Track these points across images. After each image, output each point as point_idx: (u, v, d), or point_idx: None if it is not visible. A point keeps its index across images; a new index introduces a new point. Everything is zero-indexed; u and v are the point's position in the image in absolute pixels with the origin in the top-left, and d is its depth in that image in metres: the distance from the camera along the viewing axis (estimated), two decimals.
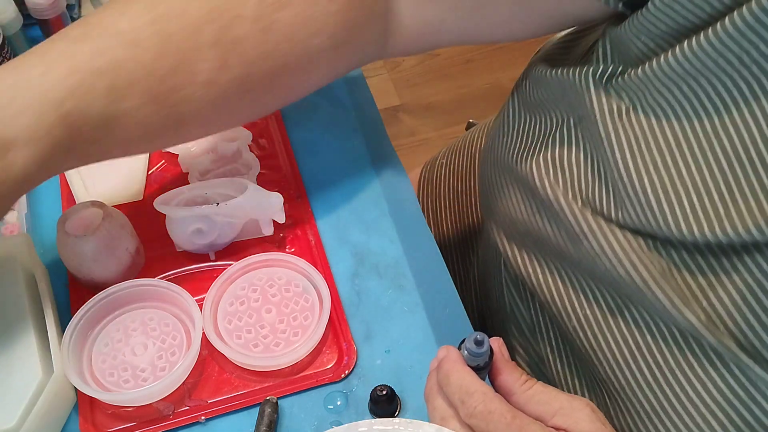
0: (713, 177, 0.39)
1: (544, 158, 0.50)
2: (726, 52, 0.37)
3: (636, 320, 0.45)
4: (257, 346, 0.55)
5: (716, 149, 0.39)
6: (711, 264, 0.41)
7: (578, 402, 0.42)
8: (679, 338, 0.43)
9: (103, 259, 0.55)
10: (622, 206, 0.44)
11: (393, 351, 0.56)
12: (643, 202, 0.42)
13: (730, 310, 0.40)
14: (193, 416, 0.52)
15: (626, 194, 0.43)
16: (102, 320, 0.56)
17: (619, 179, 0.43)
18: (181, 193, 0.59)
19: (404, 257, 0.61)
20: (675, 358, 0.43)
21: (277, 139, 0.69)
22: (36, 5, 0.71)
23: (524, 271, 0.54)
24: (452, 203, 0.79)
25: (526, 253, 0.53)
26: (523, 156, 0.52)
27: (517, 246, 0.55)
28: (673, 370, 0.43)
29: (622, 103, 0.43)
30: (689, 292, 0.42)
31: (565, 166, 0.48)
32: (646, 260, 0.43)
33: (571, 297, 0.49)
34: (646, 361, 0.45)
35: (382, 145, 0.69)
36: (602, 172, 0.45)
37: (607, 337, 0.47)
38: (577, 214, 0.46)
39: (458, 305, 0.58)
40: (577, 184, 0.47)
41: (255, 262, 0.58)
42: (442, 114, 1.79)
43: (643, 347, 0.45)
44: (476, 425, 0.40)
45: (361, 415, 0.52)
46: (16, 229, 0.62)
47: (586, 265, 0.47)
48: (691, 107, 0.40)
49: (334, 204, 0.65)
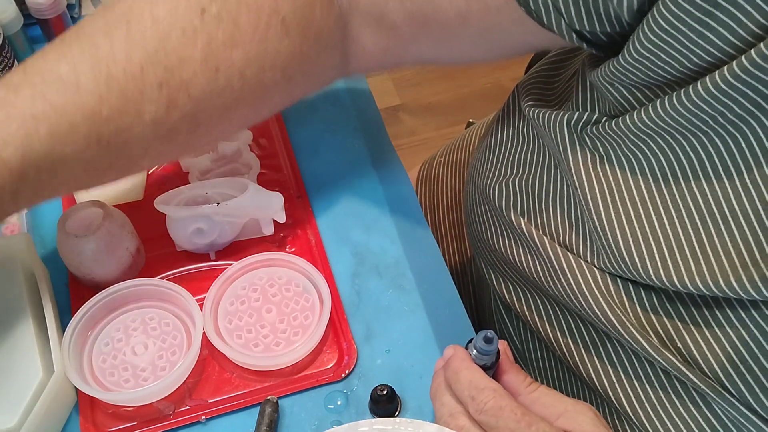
0: (685, 231, 0.39)
1: (523, 195, 0.50)
2: (701, 112, 0.36)
3: (618, 355, 0.45)
4: (258, 346, 0.55)
5: (688, 204, 0.39)
6: (684, 311, 0.41)
7: (582, 406, 0.42)
8: (661, 375, 0.43)
9: (104, 259, 0.55)
10: (598, 253, 0.44)
11: (393, 351, 0.56)
12: (616, 252, 0.42)
13: (706, 355, 0.40)
14: (194, 416, 0.52)
15: (601, 243, 0.43)
16: (102, 320, 0.56)
17: (593, 229, 0.43)
18: (181, 192, 0.59)
19: (404, 257, 0.61)
20: (656, 395, 0.44)
21: (277, 139, 0.69)
22: (36, 5, 0.71)
23: (508, 299, 0.54)
24: (450, 202, 0.80)
25: (510, 283, 0.54)
26: (503, 189, 0.52)
27: (501, 274, 0.55)
28: (655, 405, 0.44)
29: (596, 153, 0.43)
30: (665, 333, 0.42)
31: (542, 208, 0.48)
32: (623, 301, 0.43)
33: (554, 328, 0.50)
34: (627, 396, 0.45)
35: (382, 145, 0.69)
36: (578, 218, 0.45)
37: (589, 369, 0.48)
38: (554, 251, 0.46)
39: (458, 305, 0.58)
40: (554, 227, 0.47)
41: (255, 262, 0.58)
42: (442, 114, 1.79)
43: (624, 382, 0.45)
44: (486, 421, 0.41)
45: (361, 415, 0.52)
46: (17, 228, 0.62)
47: (564, 300, 0.47)
48: (666, 161, 0.40)
49: (334, 204, 0.65)
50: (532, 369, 0.56)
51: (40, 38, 0.76)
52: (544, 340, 0.52)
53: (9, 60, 0.67)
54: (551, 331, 0.50)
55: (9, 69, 0.67)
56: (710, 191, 0.38)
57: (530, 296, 0.52)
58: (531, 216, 0.49)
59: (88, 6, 0.83)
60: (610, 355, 0.46)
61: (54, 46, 0.42)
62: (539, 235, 0.48)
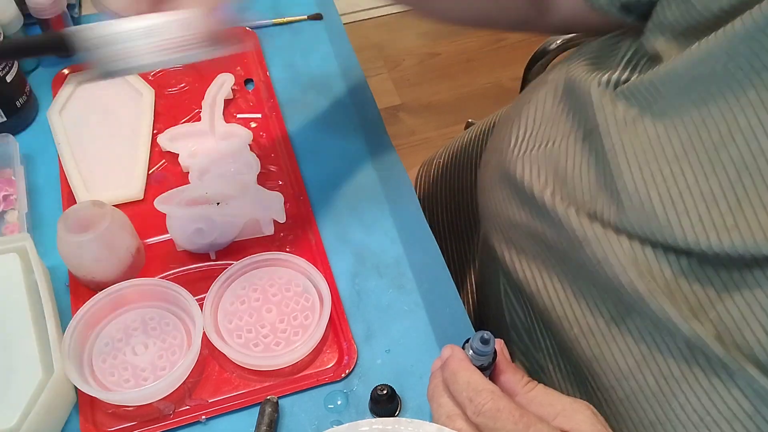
0: (721, 187, 0.39)
1: (548, 167, 0.49)
2: (737, 55, 0.36)
3: (639, 331, 0.45)
4: (258, 346, 0.55)
5: (724, 158, 0.39)
6: (719, 275, 0.40)
7: (579, 405, 0.42)
8: (684, 349, 0.43)
9: (104, 259, 0.55)
10: (626, 216, 0.43)
11: (393, 350, 0.56)
12: (649, 212, 0.41)
13: (738, 323, 0.39)
14: (194, 416, 0.52)
15: (631, 204, 0.43)
16: (102, 320, 0.56)
17: (623, 190, 0.43)
18: (181, 192, 0.59)
19: (404, 257, 0.61)
20: (680, 369, 0.43)
21: (277, 139, 0.69)
22: (36, 5, 0.71)
23: (523, 277, 0.54)
24: (449, 202, 0.80)
25: (525, 259, 0.53)
26: (527, 162, 0.52)
27: (516, 251, 0.54)
28: (678, 381, 0.43)
29: (630, 110, 0.43)
30: (696, 303, 0.41)
31: (568, 178, 0.48)
32: (651, 269, 0.42)
33: (572, 305, 0.49)
34: (650, 373, 0.44)
35: (382, 144, 0.69)
36: (607, 184, 0.45)
37: (610, 348, 0.47)
38: (578, 223, 0.46)
39: (458, 305, 0.58)
40: (579, 196, 0.47)
41: (255, 262, 0.59)
42: (442, 113, 1.79)
43: (646, 358, 0.44)
44: (484, 423, 0.41)
45: (361, 415, 0.52)
46: (17, 228, 0.62)
47: (588, 273, 0.47)
48: (700, 115, 0.39)
49: (334, 204, 0.65)
50: (540, 360, 0.56)
51: None
52: (557, 324, 0.51)
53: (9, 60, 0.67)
54: (569, 310, 0.49)
55: (9, 69, 0.67)
56: (746, 143, 0.37)
57: (551, 272, 0.51)
58: (556, 187, 0.49)
59: (89, 6, 0.83)
60: (633, 331, 0.45)
61: None
62: (564, 206, 0.47)
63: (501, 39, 1.93)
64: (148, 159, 0.67)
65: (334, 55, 0.77)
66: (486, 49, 1.91)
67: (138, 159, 0.66)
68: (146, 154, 0.67)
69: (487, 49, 1.91)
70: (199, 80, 0.74)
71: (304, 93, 0.74)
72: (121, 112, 0.71)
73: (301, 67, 0.76)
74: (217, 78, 0.71)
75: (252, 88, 0.73)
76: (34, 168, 0.68)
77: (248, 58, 0.75)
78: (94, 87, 0.73)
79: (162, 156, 0.68)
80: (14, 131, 0.69)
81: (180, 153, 0.66)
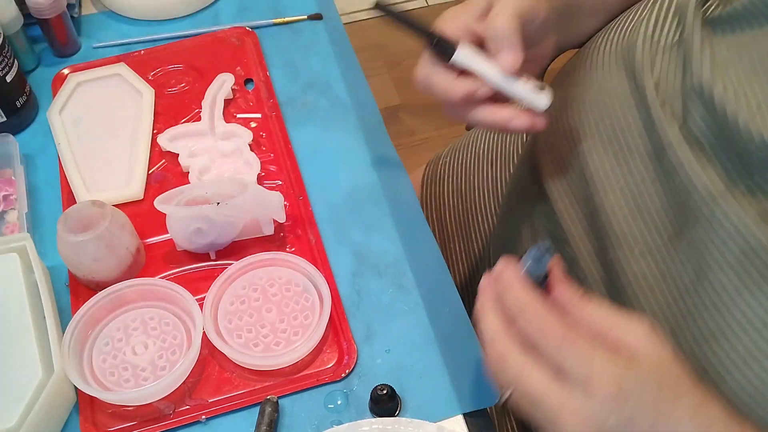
0: None
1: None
2: None
3: (702, 241, 0.44)
4: (258, 346, 0.55)
5: None
6: None
7: (636, 318, 0.41)
8: (743, 260, 0.42)
9: (104, 259, 0.56)
10: (696, 116, 0.44)
11: (393, 350, 0.56)
12: (719, 113, 0.42)
13: None
14: (194, 415, 0.52)
15: (703, 104, 0.43)
16: (102, 319, 0.56)
17: (698, 88, 0.44)
18: (181, 192, 0.59)
19: (404, 257, 0.61)
20: (739, 279, 0.42)
21: (277, 139, 0.69)
22: (36, 5, 0.71)
23: (564, 216, 0.54)
24: (456, 202, 0.80)
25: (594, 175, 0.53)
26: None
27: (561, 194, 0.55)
28: (738, 290, 0.42)
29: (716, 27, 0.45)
30: (761, 209, 0.41)
31: (657, 72, 0.49)
32: (716, 170, 0.43)
33: (637, 221, 0.49)
34: (710, 285, 0.44)
35: (382, 144, 0.69)
36: (685, 84, 0.46)
37: (669, 265, 0.46)
38: (663, 128, 0.46)
39: (458, 304, 0.58)
40: (662, 93, 0.47)
41: (255, 262, 0.59)
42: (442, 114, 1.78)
43: (705, 271, 0.44)
44: (530, 337, 0.40)
45: (361, 415, 0.52)
46: (17, 228, 0.62)
47: (659, 181, 0.47)
48: None
49: (334, 204, 0.65)
50: None
51: (40, 38, 0.77)
52: (616, 248, 0.51)
53: (9, 60, 0.67)
54: (635, 226, 0.49)
55: (9, 69, 0.67)
56: None
57: (613, 188, 0.52)
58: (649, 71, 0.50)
59: (89, 6, 0.83)
60: (693, 244, 0.45)
61: None
62: (657, 104, 0.49)
63: None
64: (148, 159, 0.67)
65: (334, 55, 0.77)
66: None
67: (138, 159, 0.66)
68: (146, 154, 0.67)
69: None
70: (199, 80, 0.74)
71: (304, 93, 0.74)
72: (121, 112, 0.71)
73: (301, 67, 0.76)
74: (217, 78, 0.72)
75: (252, 88, 0.73)
76: (34, 168, 0.68)
77: (248, 58, 0.75)
78: (94, 87, 0.73)
79: (162, 156, 0.68)
80: (14, 131, 0.69)
81: (180, 153, 0.66)
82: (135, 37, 0.79)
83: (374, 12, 0.55)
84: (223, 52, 0.76)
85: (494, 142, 0.79)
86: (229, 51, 0.76)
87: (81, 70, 0.74)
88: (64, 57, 0.77)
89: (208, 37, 0.78)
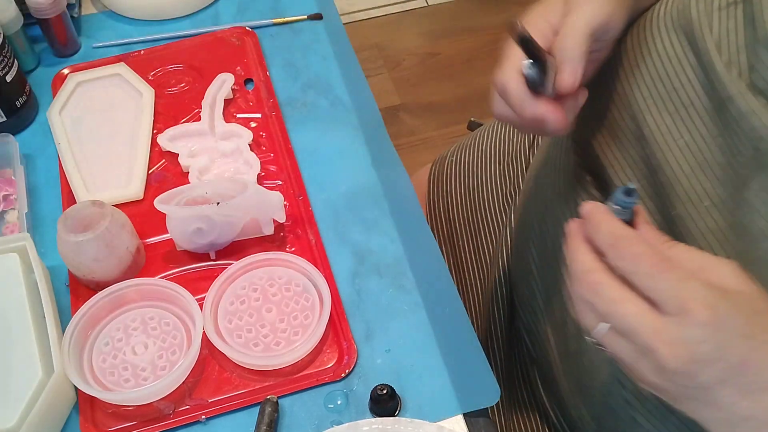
0: None
1: None
2: None
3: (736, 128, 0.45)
4: (258, 346, 0.55)
5: None
6: None
7: (723, 259, 0.41)
8: None
9: (104, 259, 0.56)
10: (762, 69, 0.45)
11: (393, 350, 0.56)
12: None
13: None
14: (194, 415, 0.52)
15: None
16: (102, 319, 0.56)
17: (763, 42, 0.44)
18: (181, 192, 0.59)
19: (404, 257, 0.61)
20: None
21: (277, 139, 0.69)
22: (36, 5, 0.71)
23: None
24: (464, 200, 0.80)
25: None
26: None
27: None
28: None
29: None
30: None
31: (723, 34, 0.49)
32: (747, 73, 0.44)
33: (701, 176, 0.50)
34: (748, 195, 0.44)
35: (382, 144, 0.69)
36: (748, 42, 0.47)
37: (738, 215, 0.47)
38: (728, 81, 0.47)
39: (458, 304, 0.58)
40: (724, 50, 0.48)
41: (255, 262, 0.59)
42: (442, 113, 1.79)
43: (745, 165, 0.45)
44: (624, 267, 0.40)
45: (361, 415, 0.52)
46: (17, 228, 0.62)
47: (726, 132, 0.47)
48: None
49: (334, 203, 0.65)
50: None
51: (40, 38, 0.77)
52: (686, 199, 0.51)
53: (9, 60, 0.67)
54: (698, 184, 0.50)
55: (9, 69, 0.67)
56: None
57: (678, 144, 0.52)
58: None
59: (89, 6, 0.83)
60: (758, 193, 0.45)
61: None
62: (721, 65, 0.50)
63: (501, 39, 1.93)
64: (148, 159, 0.67)
65: (334, 55, 0.77)
66: (486, 49, 1.91)
67: (138, 159, 0.66)
68: (146, 153, 0.67)
69: (487, 49, 1.90)
70: (199, 80, 0.74)
71: (304, 93, 0.74)
72: (121, 112, 0.71)
73: (301, 67, 0.76)
74: (217, 78, 0.72)
75: (252, 88, 0.73)
76: (34, 168, 0.68)
77: (248, 58, 0.75)
78: (94, 87, 0.73)
79: (162, 156, 0.68)
80: (14, 131, 0.69)
81: (180, 153, 0.66)
82: (135, 37, 0.79)
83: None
84: (223, 52, 0.76)
85: (501, 139, 0.80)
86: (229, 51, 0.76)
87: (81, 70, 0.74)
88: (64, 57, 0.77)
89: (208, 37, 0.78)
